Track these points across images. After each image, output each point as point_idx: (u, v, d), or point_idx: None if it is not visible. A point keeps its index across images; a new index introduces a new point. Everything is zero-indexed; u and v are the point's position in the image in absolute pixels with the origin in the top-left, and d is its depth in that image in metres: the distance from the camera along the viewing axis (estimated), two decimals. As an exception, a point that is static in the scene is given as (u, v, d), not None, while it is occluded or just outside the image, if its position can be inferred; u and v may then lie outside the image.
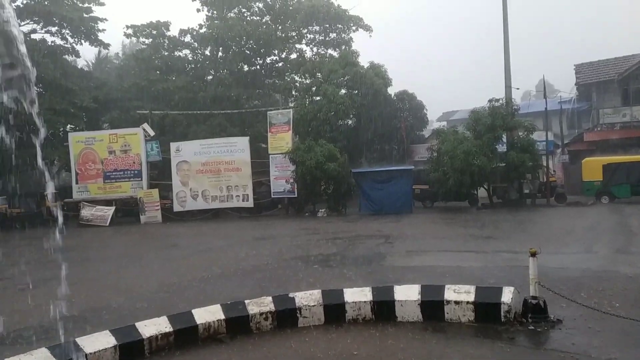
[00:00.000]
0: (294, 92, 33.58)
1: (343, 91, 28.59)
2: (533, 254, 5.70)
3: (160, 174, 27.75)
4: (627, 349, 4.65)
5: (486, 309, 5.64)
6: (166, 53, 34.38)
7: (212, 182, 25.58)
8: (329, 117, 27.05)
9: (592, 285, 7.07)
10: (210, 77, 34.96)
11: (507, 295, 5.67)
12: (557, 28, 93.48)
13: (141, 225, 23.70)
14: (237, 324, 5.81)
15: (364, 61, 30.56)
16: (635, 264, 8.51)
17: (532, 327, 5.39)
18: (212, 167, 25.58)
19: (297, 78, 33.75)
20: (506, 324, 5.50)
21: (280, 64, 35.48)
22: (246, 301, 6.10)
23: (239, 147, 25.59)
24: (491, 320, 5.58)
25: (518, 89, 24.74)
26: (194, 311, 5.84)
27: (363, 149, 30.58)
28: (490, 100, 23.41)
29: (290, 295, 6.21)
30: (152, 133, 26.01)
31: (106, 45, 32.42)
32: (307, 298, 6.13)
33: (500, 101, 23.31)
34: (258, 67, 35.20)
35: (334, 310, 6.05)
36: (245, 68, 35.07)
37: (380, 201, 22.29)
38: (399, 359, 4.75)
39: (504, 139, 22.94)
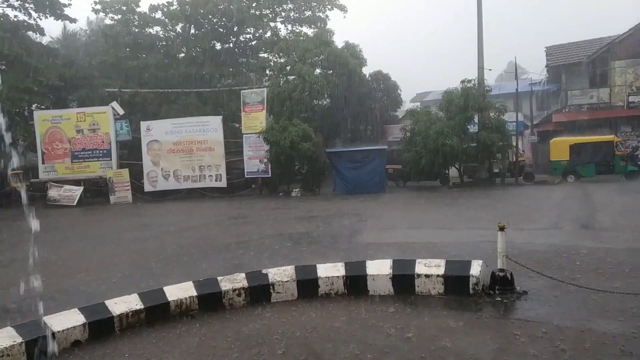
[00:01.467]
0: (268, 72, 33.17)
1: (318, 71, 28.40)
2: (501, 229, 5.84)
3: (130, 153, 27.18)
4: (585, 316, 4.84)
5: (455, 282, 5.78)
6: (136, 30, 33.36)
7: (184, 162, 25.21)
8: (304, 96, 26.87)
9: (557, 258, 7.31)
10: (182, 55, 34.18)
11: (476, 268, 5.81)
12: (530, 9, 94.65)
13: (111, 205, 23.25)
14: (210, 301, 5.80)
15: (338, 41, 30.39)
16: (598, 239, 8.83)
17: (499, 299, 5.55)
18: (184, 146, 25.18)
19: (271, 57, 33.31)
20: (474, 295, 5.65)
21: (254, 42, 34.94)
22: (219, 278, 6.08)
23: (211, 127, 25.22)
24: (460, 292, 5.72)
25: (490, 70, 25.05)
26: (165, 288, 5.79)
27: (337, 129, 30.59)
28: (462, 81, 23.63)
29: (264, 271, 6.22)
30: (121, 112, 25.34)
31: (72, 20, 31.20)
32: (281, 274, 6.15)
33: (473, 82, 23.55)
34: (231, 45, 34.58)
35: (307, 286, 6.09)
36: (218, 46, 34.38)
37: (354, 181, 22.43)
38: (370, 331, 4.82)
39: (476, 120, 23.27)
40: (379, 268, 6.14)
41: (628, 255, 7.33)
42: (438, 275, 5.86)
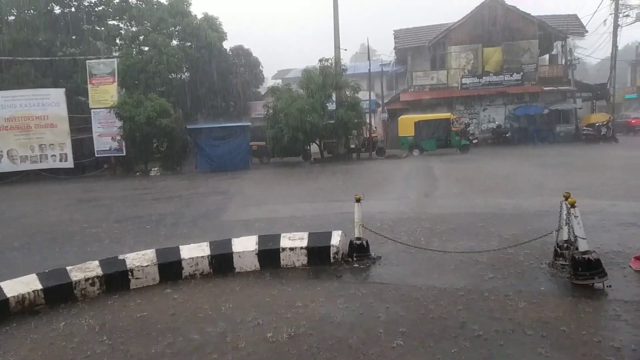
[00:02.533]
0: (118, 41, 30.43)
1: (175, 42, 26.94)
2: (358, 200, 6.28)
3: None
4: (429, 275, 5.50)
5: (318, 253, 6.09)
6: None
7: (21, 140, 22.25)
8: (160, 69, 25.35)
9: (406, 224, 8.12)
10: (12, 18, 29.51)
11: (336, 238, 6.19)
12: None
13: None
14: (59, 293, 5.29)
15: (197, 12, 29.03)
16: (440, 206, 9.98)
17: (357, 265, 6.01)
18: (20, 122, 22.18)
19: (121, 25, 30.55)
20: (335, 264, 6.02)
21: (100, 8, 31.59)
22: (68, 267, 5.56)
23: (52, 100, 22.53)
24: (322, 262, 6.06)
25: (346, 50, 26.21)
26: (2, 284, 5.13)
27: (199, 105, 29.53)
28: (320, 60, 24.42)
29: (120, 257, 5.85)
30: None
31: None
32: (140, 259, 5.84)
33: (330, 61, 24.48)
34: (73, 9, 30.81)
35: (170, 268, 5.89)
36: (57, 9, 30.40)
37: (217, 158, 22.01)
38: (237, 308, 4.87)
39: (334, 98, 24.33)
40: (244, 245, 6.18)
41: (460, 218, 8.43)
42: (302, 248, 6.11)
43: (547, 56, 33.29)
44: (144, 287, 5.68)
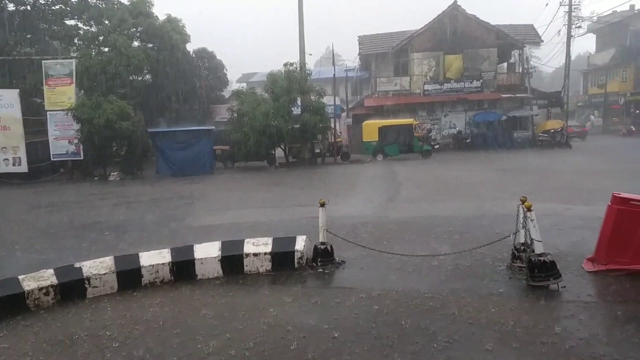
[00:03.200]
0: (76, 41, 29.42)
1: (136, 44, 26.33)
2: (322, 205, 6.30)
3: None
4: (391, 278, 5.57)
5: (282, 258, 6.06)
6: None
7: (-31, 143, 21.13)
8: (120, 71, 24.67)
9: (370, 229, 8.19)
10: (-41, 14, 28.08)
11: (300, 243, 6.17)
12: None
13: None
14: (10, 304, 5.05)
15: (159, 14, 28.46)
16: (403, 210, 10.13)
17: (321, 270, 6.02)
18: (-32, 125, 21.07)
19: (80, 25, 29.58)
20: (299, 269, 6.01)
21: (57, 7, 30.49)
22: (20, 277, 5.32)
23: (5, 102, 21.58)
24: (286, 267, 6.03)
25: (311, 54, 26.34)
26: (-53, 296, 4.85)
27: (161, 108, 28.93)
28: (285, 64, 24.39)
29: (77, 265, 5.64)
30: None
31: None
32: (97, 266, 5.65)
33: (295, 65, 24.48)
34: (29, 7, 29.63)
35: (129, 276, 5.73)
36: (11, 7, 29.14)
37: (180, 162, 21.59)
38: (199, 315, 4.78)
39: (299, 102, 24.33)
40: (207, 251, 6.08)
41: (422, 222, 8.58)
42: (266, 253, 6.06)
43: (505, 64, 34.42)
44: (102, 295, 5.50)
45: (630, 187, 8.08)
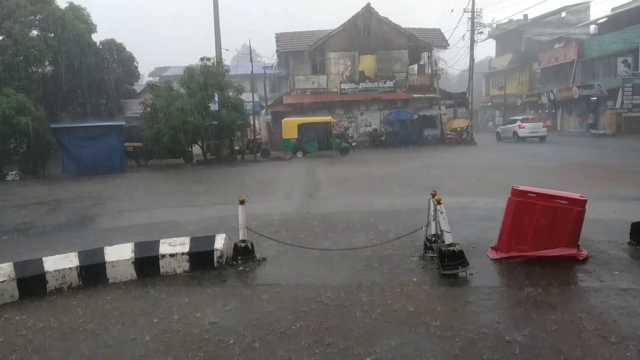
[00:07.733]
0: (-37, 27, 26.38)
1: (35, 32, 24.13)
2: (242, 202, 6.24)
3: None
4: (313, 272, 5.66)
5: (201, 257, 5.91)
6: None
7: None
8: (17, 61, 22.56)
9: (291, 225, 8.24)
10: None
11: (220, 242, 6.07)
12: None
13: None
14: None
15: (61, 2, 26.26)
16: (322, 206, 10.30)
17: (242, 268, 5.96)
18: None
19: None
20: (219, 268, 5.91)
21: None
22: None
23: None
24: (206, 267, 5.90)
25: (227, 50, 25.81)
26: None
27: (65, 102, 26.85)
28: (202, 59, 23.74)
29: (-31, 273, 5.11)
30: None
31: None
32: (-6, 274, 5.16)
33: (212, 61, 23.90)
34: None
35: (32, 283, 5.30)
36: None
37: (87, 160, 20.25)
38: (109, 321, 4.53)
39: (216, 98, 23.80)
40: (119, 253, 5.77)
41: (340, 217, 8.80)
42: (183, 253, 5.88)
43: (416, 66, 36.16)
44: (1, 305, 5.03)
45: (527, 180, 8.87)
